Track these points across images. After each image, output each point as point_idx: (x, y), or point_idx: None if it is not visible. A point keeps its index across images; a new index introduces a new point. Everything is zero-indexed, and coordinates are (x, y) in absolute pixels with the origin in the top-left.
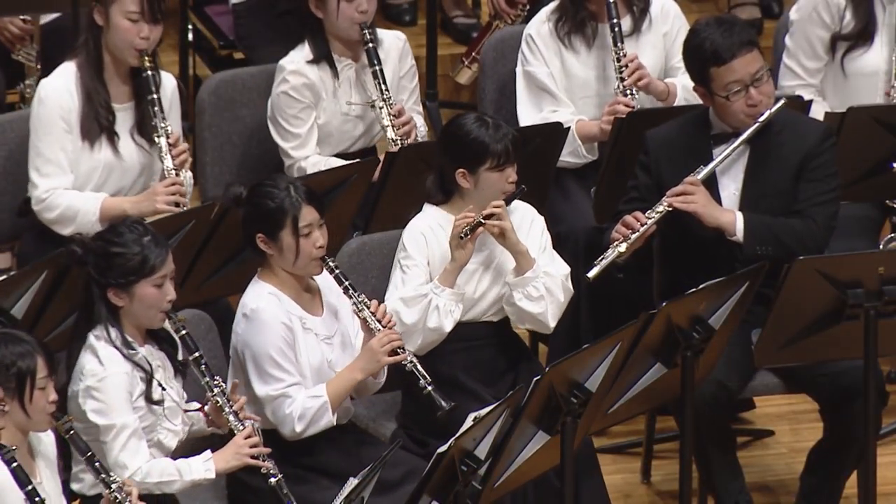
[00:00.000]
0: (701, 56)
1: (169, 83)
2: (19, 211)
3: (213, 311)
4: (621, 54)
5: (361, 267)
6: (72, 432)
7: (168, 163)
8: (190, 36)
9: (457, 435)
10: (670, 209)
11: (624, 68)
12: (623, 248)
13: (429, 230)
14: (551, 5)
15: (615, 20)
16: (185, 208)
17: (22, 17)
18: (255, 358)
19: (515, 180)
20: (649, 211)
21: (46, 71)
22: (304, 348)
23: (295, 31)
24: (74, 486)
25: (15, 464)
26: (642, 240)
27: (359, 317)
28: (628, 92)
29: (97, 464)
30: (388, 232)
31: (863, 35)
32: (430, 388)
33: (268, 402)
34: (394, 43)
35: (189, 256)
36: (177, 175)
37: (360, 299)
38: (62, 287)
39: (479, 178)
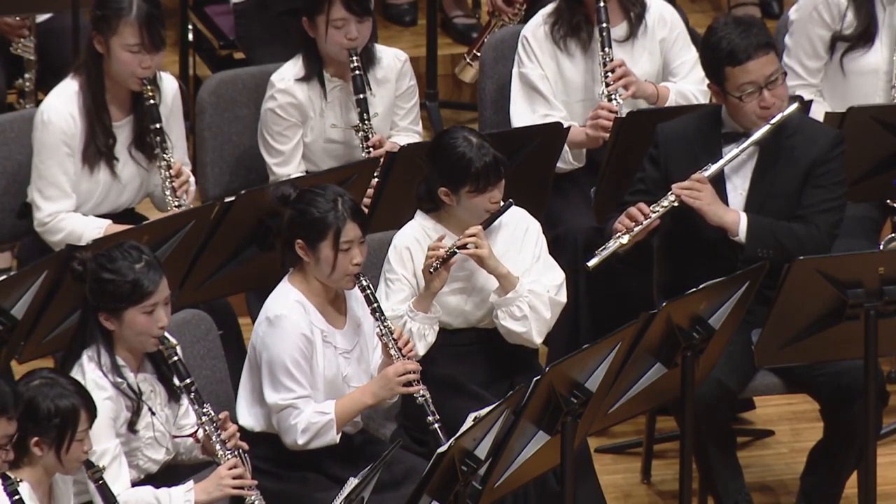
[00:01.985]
0: (717, 55)
1: (170, 88)
2: (19, 213)
3: (213, 312)
4: (607, 59)
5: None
6: (100, 482)
7: (170, 197)
8: (190, 36)
9: (457, 435)
10: (675, 204)
11: (609, 73)
12: (625, 239)
13: (415, 242)
14: (548, 8)
15: (604, 24)
16: None
17: None
18: (270, 364)
19: (499, 200)
20: (654, 204)
21: (45, 71)
22: (321, 361)
23: (294, 32)
24: None
25: (17, 496)
26: (644, 233)
27: (381, 341)
28: (612, 97)
29: None
30: (387, 232)
31: (864, 36)
32: (437, 425)
33: (275, 411)
34: (393, 63)
35: (189, 256)
36: (178, 207)
37: (385, 324)
38: (62, 287)
39: (461, 198)
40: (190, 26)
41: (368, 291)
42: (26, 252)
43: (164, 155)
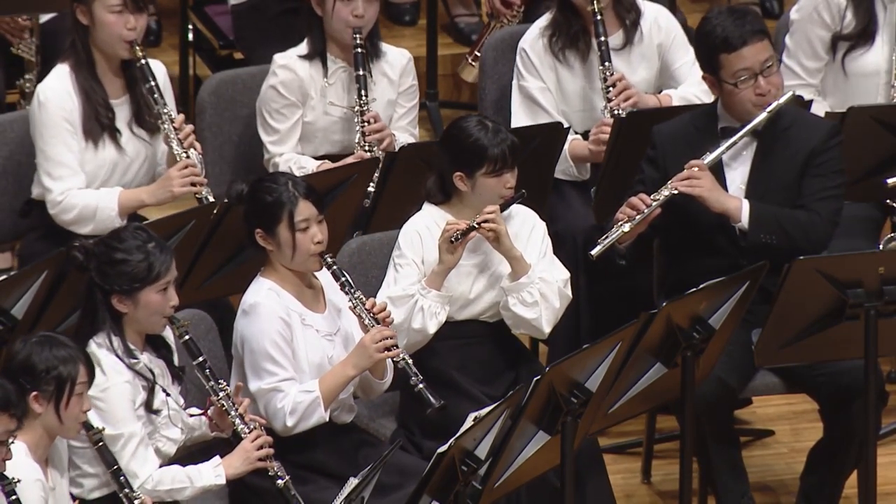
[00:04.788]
0: (711, 42)
1: (160, 70)
2: (22, 211)
3: (213, 311)
4: (608, 74)
5: (362, 267)
6: (101, 444)
7: (177, 147)
8: (190, 36)
9: (457, 435)
10: (675, 192)
11: (611, 88)
12: (627, 228)
13: (425, 229)
14: (543, 20)
15: (602, 38)
16: (202, 188)
17: None
18: (251, 353)
19: (513, 186)
20: (655, 194)
21: (45, 69)
22: (302, 344)
23: (293, 31)
24: (74, 491)
25: (14, 497)
26: (646, 223)
27: (354, 313)
28: (615, 112)
29: (122, 478)
30: (388, 232)
31: (864, 35)
32: (421, 385)
33: (260, 397)
34: (398, 59)
35: (189, 256)
36: (187, 157)
37: (356, 296)
38: (62, 287)
39: (476, 182)
40: (190, 26)
41: (335, 268)
42: (27, 252)
43: (164, 110)
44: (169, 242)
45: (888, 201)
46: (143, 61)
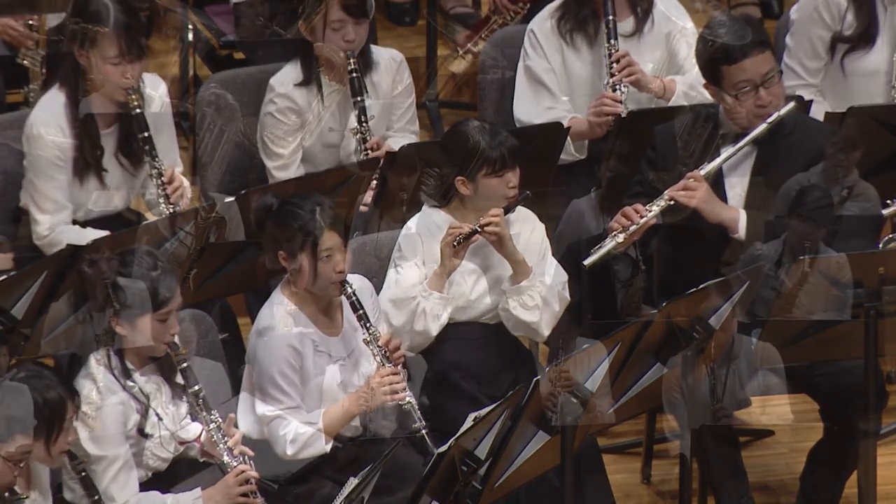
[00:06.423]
0: (713, 54)
1: (158, 88)
2: (13, 217)
3: (213, 312)
4: (612, 50)
5: (362, 267)
6: (83, 474)
7: (164, 205)
8: (190, 36)
9: (457, 435)
10: (671, 203)
11: (614, 64)
12: (621, 238)
13: (426, 231)
14: (555, 3)
15: (610, 17)
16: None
17: (29, 21)
18: (259, 376)
19: (516, 186)
20: (650, 204)
21: (50, 75)
22: (313, 371)
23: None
24: (67, 496)
25: None
26: (640, 232)
27: (368, 348)
28: (617, 87)
29: None
30: (388, 232)
31: (864, 36)
32: (423, 431)
33: (264, 422)
34: (389, 63)
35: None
36: (173, 212)
37: (371, 330)
38: (62, 287)
39: (478, 184)
40: (190, 26)
41: (354, 298)
42: (25, 258)
43: (154, 163)
44: (168, 243)
45: (888, 201)
46: (137, 110)
